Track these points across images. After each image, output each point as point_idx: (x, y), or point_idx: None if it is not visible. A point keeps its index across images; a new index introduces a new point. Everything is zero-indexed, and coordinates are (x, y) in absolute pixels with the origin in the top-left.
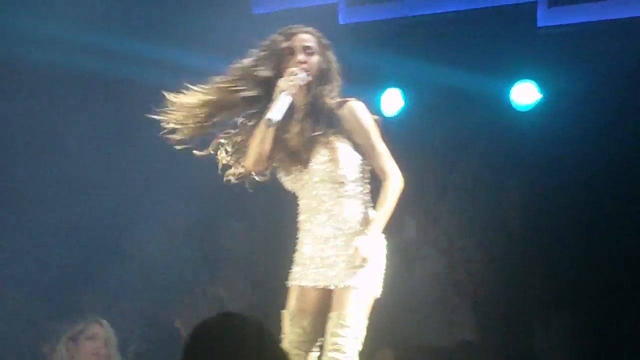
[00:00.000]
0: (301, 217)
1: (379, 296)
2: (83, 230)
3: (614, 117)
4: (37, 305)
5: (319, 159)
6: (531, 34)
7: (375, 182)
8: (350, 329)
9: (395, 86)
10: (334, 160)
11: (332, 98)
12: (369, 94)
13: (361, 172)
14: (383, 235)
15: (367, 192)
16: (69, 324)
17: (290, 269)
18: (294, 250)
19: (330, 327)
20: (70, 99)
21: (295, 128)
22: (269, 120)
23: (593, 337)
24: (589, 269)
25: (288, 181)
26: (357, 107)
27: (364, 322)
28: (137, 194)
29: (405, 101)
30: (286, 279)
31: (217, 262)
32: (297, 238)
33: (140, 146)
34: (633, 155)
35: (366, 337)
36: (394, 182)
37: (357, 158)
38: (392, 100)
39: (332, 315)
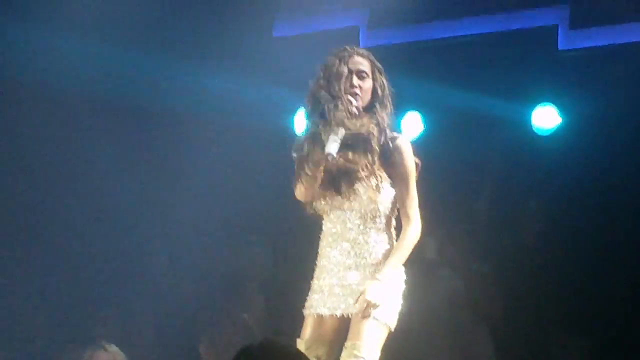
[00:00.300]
0: (323, 243)
1: (393, 329)
2: (100, 254)
3: (635, 141)
4: (53, 330)
5: (359, 188)
6: (552, 57)
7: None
8: None
9: (415, 110)
10: (374, 193)
11: (383, 126)
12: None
13: (392, 208)
14: (402, 269)
15: (393, 227)
16: (80, 349)
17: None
18: (311, 277)
19: (344, 357)
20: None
21: (342, 153)
22: (329, 154)
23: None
24: (606, 293)
25: (320, 203)
26: (405, 147)
27: (378, 354)
28: (157, 215)
29: (425, 125)
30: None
31: (238, 285)
32: (315, 264)
33: (159, 168)
34: None
35: None
36: (415, 230)
37: (392, 194)
38: (413, 124)
39: (348, 344)
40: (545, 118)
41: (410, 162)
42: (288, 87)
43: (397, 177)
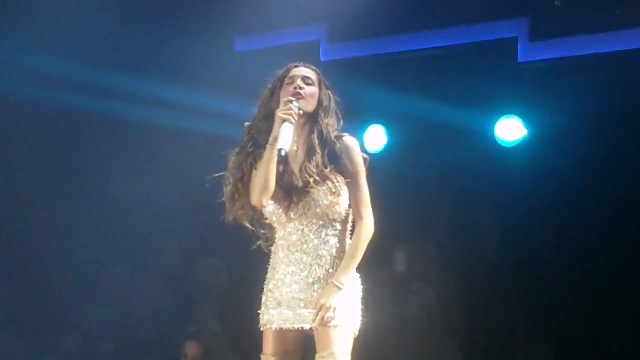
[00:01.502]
0: (280, 255)
1: (357, 334)
2: (59, 269)
3: (598, 151)
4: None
5: (317, 194)
6: (513, 69)
7: None
8: None
9: (378, 123)
10: (334, 198)
11: (328, 131)
12: (352, 130)
13: (349, 211)
14: (357, 275)
15: (350, 230)
16: None
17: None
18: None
19: None
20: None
21: (294, 160)
22: (281, 149)
23: None
24: (570, 302)
25: (274, 213)
26: (352, 144)
27: None
28: (113, 232)
29: (388, 137)
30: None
31: (193, 299)
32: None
33: (116, 184)
34: (618, 191)
35: None
36: (367, 229)
37: (348, 197)
38: (376, 137)
39: (323, 354)
40: (509, 129)
41: (358, 159)
42: (250, 101)
43: (346, 174)
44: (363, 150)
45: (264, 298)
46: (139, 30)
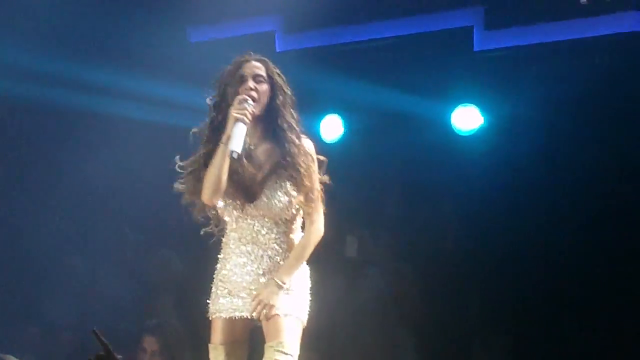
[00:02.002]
0: (231, 247)
1: (305, 324)
2: (18, 261)
3: (556, 140)
4: None
5: (273, 196)
6: (469, 57)
7: None
8: (292, 358)
9: (334, 112)
10: (287, 199)
11: (285, 130)
12: (309, 120)
13: (300, 209)
14: (306, 266)
15: (301, 227)
16: None
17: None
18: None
19: (272, 355)
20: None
21: (249, 158)
22: (233, 152)
23: (533, 358)
24: (527, 293)
25: (227, 210)
26: (308, 148)
27: (299, 350)
28: (68, 221)
29: (345, 127)
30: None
31: (150, 291)
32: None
33: (70, 171)
34: (575, 180)
35: None
36: (317, 232)
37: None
38: (332, 127)
39: (272, 344)
40: (466, 119)
41: (313, 162)
42: (206, 92)
43: (300, 176)
44: (320, 141)
45: (214, 288)
46: (93, 20)
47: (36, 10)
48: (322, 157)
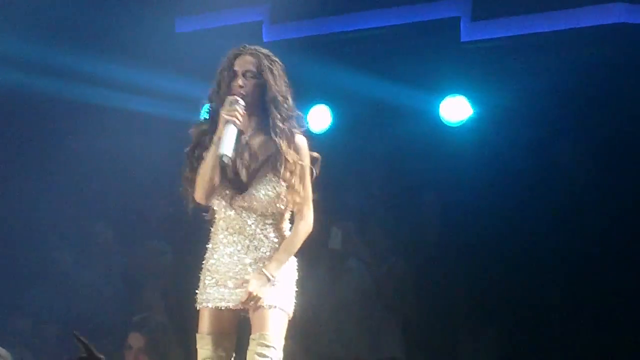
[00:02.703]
0: (219, 237)
1: (291, 315)
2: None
3: (544, 131)
4: None
5: (261, 189)
6: (455, 48)
7: None
8: (275, 350)
9: (322, 103)
10: (276, 194)
11: (276, 126)
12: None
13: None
14: (294, 258)
15: (289, 219)
16: None
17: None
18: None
19: (255, 348)
20: None
21: (242, 151)
22: (224, 156)
23: (518, 350)
24: (513, 284)
25: (218, 201)
26: (301, 144)
27: (283, 342)
28: (57, 214)
29: (333, 118)
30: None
31: (138, 284)
32: (205, 257)
33: (60, 163)
34: (563, 171)
35: (294, 353)
36: (305, 227)
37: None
38: (320, 117)
39: (255, 335)
40: (454, 109)
41: (305, 159)
42: (193, 82)
43: (290, 172)
44: (308, 132)
45: (202, 277)
46: (81, 10)
47: (24, 1)
48: (315, 154)
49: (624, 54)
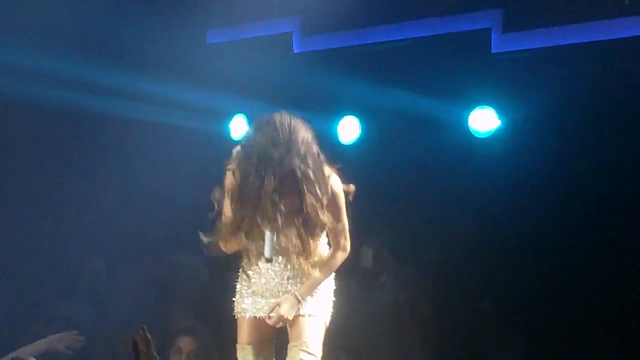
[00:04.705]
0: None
1: (328, 324)
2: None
3: (571, 142)
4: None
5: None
6: (486, 60)
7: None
8: (315, 357)
9: (352, 114)
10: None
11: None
12: (326, 122)
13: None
14: (333, 275)
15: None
16: None
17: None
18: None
19: (296, 354)
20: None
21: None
22: (267, 259)
23: None
24: (544, 295)
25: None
26: (334, 185)
27: (321, 349)
28: (92, 222)
29: (362, 129)
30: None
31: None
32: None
33: (94, 174)
34: (591, 182)
35: None
36: (342, 256)
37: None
38: (349, 128)
39: (295, 344)
40: (483, 120)
41: (340, 196)
42: (223, 93)
43: (330, 207)
44: (336, 141)
45: (238, 286)
46: (113, 25)
47: (58, 14)
48: (350, 187)
49: None
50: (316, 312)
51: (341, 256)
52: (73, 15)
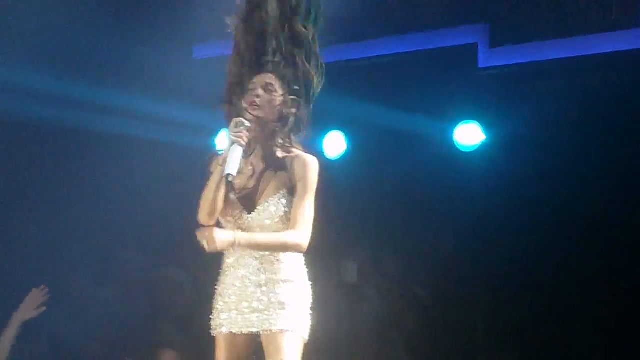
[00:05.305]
0: (230, 260)
1: (307, 339)
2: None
3: (557, 157)
4: None
5: (268, 208)
6: (473, 74)
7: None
8: None
9: (337, 129)
10: (285, 213)
11: (288, 144)
12: (311, 137)
13: None
14: (309, 284)
15: None
16: None
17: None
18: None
19: None
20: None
21: (247, 171)
22: (229, 175)
23: None
24: (529, 309)
25: (227, 221)
26: (310, 165)
27: None
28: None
29: (348, 144)
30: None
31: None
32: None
33: (80, 189)
34: (575, 197)
35: None
36: (296, 237)
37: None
38: (335, 143)
39: None
40: (469, 135)
41: (313, 180)
42: (209, 108)
43: (296, 190)
44: (322, 156)
45: (214, 302)
46: (98, 39)
47: (43, 30)
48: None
49: None
50: (294, 328)
51: (291, 235)
52: (57, 29)
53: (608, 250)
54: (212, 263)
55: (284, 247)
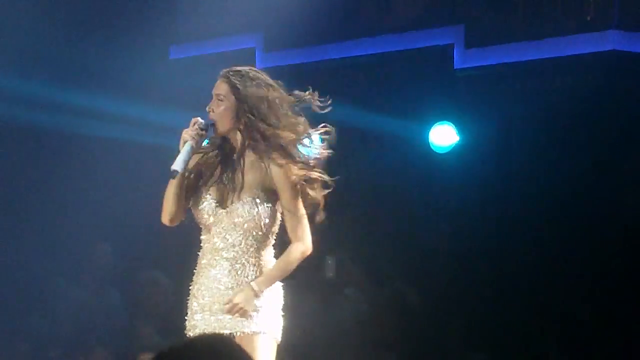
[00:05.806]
0: (203, 261)
1: (279, 340)
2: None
3: (530, 158)
4: None
5: (243, 206)
6: (449, 75)
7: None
8: None
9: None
10: (258, 212)
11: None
12: None
13: (271, 223)
14: (280, 284)
15: (273, 244)
16: None
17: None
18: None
19: None
20: None
21: (227, 168)
22: (174, 172)
23: None
24: (503, 310)
25: (201, 216)
26: (289, 169)
27: None
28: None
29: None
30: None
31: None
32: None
33: (59, 192)
34: (550, 198)
35: None
36: (300, 249)
37: (271, 210)
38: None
39: None
40: (443, 136)
41: (293, 181)
42: (186, 109)
43: (282, 194)
44: None
45: (189, 303)
46: (74, 40)
47: (17, 33)
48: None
49: (616, 81)
50: (266, 329)
51: (299, 248)
52: (32, 32)
53: (585, 249)
54: (192, 264)
55: (299, 262)
